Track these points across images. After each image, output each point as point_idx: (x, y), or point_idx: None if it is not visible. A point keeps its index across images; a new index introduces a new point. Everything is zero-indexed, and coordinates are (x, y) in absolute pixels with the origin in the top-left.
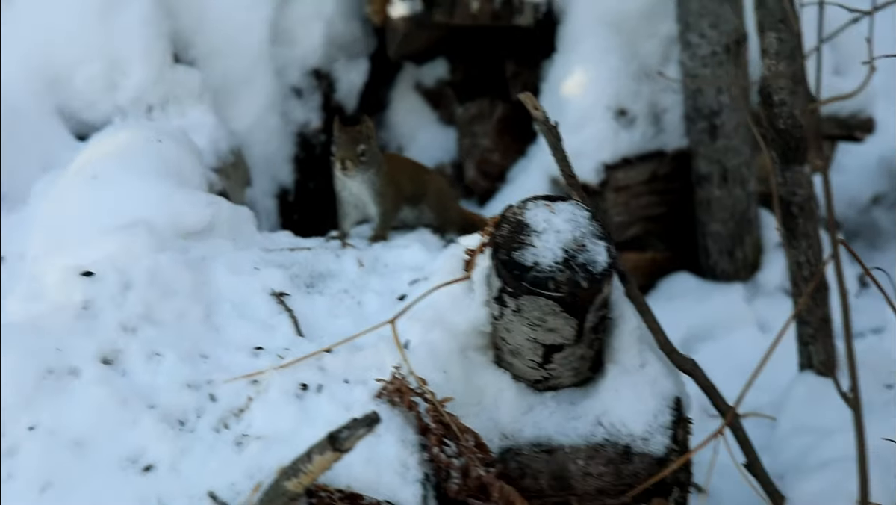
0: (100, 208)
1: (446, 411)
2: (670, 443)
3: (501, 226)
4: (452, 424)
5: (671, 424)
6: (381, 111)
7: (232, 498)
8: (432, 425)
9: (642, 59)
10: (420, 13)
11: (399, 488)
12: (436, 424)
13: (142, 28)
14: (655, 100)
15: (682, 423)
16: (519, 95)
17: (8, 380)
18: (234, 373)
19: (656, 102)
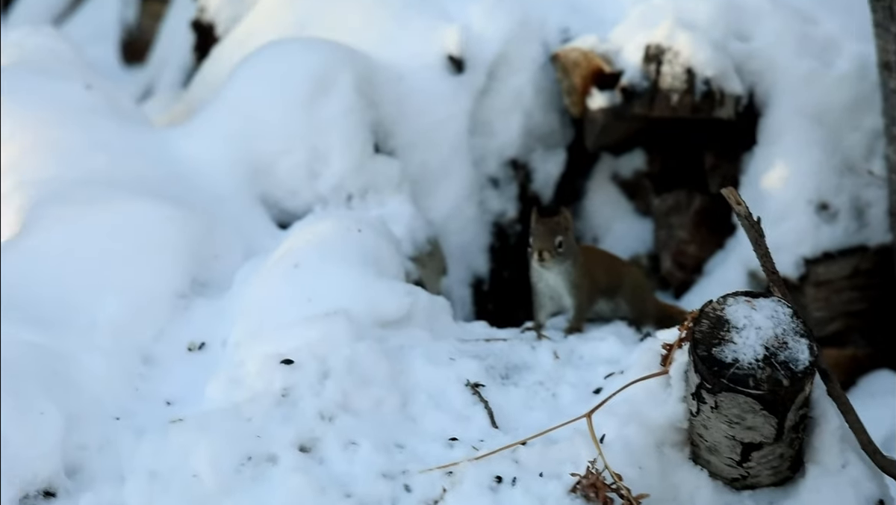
0: (300, 297)
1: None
2: None
3: (701, 321)
4: None
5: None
6: (577, 201)
7: None
8: None
9: (845, 152)
10: (619, 105)
11: None
12: None
13: (344, 118)
14: (858, 194)
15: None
16: (721, 190)
17: (209, 465)
18: (429, 463)
19: (859, 196)
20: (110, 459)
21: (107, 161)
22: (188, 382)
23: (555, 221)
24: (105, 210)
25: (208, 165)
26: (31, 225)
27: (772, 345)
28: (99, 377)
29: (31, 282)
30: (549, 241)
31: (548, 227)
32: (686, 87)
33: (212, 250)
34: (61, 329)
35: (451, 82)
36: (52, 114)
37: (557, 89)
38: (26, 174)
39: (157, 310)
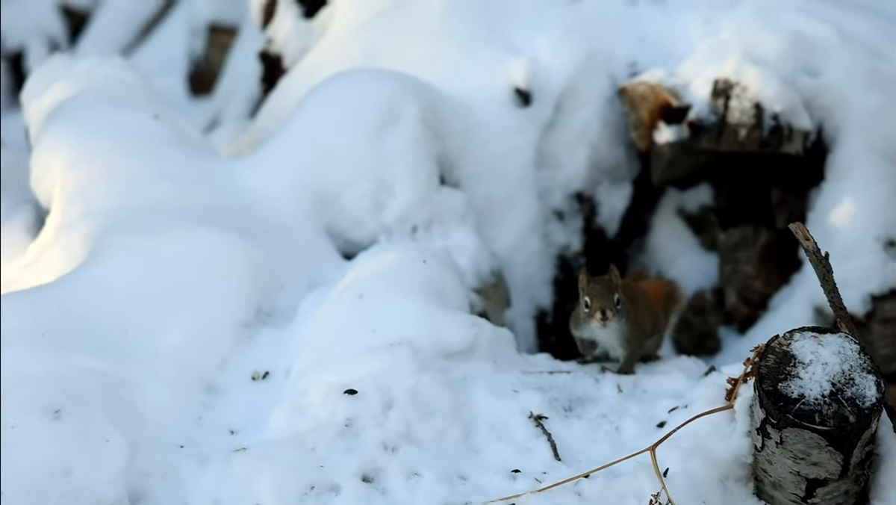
0: (364, 327)
1: None
2: None
3: (767, 356)
4: None
5: None
6: (642, 235)
7: None
8: None
9: None
10: (686, 139)
11: None
12: None
13: (410, 150)
14: None
15: None
16: (790, 225)
17: (272, 494)
18: (491, 495)
19: None
20: (174, 486)
21: (173, 191)
22: (251, 411)
23: (607, 280)
24: (171, 239)
25: (274, 196)
26: (98, 253)
27: (838, 381)
28: (162, 405)
29: (97, 310)
30: (608, 300)
31: (604, 285)
32: (754, 122)
33: (276, 280)
34: (126, 357)
35: (517, 115)
36: (119, 143)
37: (624, 123)
38: (93, 203)
39: (221, 339)
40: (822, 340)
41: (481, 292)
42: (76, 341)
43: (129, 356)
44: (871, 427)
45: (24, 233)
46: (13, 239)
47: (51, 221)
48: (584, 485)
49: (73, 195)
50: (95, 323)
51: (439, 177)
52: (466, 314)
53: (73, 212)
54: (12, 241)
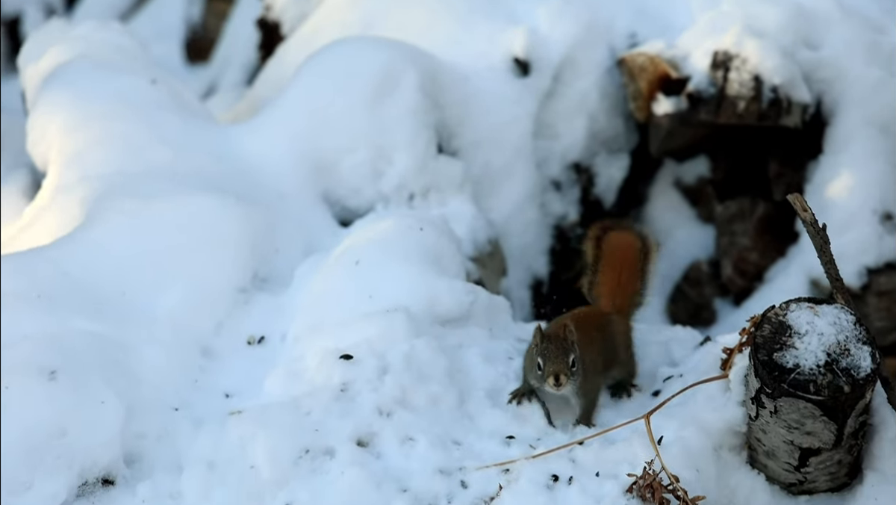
0: (361, 293)
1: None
2: None
3: (762, 326)
4: None
5: None
6: (639, 206)
7: None
8: None
9: None
10: (685, 111)
11: None
12: None
13: (408, 118)
14: None
15: None
16: (788, 196)
17: (267, 457)
18: (486, 461)
19: None
20: (168, 448)
21: (171, 156)
22: (247, 375)
23: (563, 338)
24: (168, 204)
25: (272, 162)
26: (95, 217)
27: (834, 351)
28: (158, 368)
29: (94, 273)
30: (563, 363)
31: (560, 346)
32: (753, 95)
33: (273, 246)
34: (122, 320)
35: (516, 84)
36: (116, 107)
37: (623, 94)
38: (90, 167)
39: (218, 303)
40: (818, 311)
41: (478, 261)
42: (73, 303)
43: (125, 319)
44: (866, 397)
45: (21, 196)
46: (9, 202)
47: (47, 185)
48: (579, 451)
49: (69, 159)
50: (92, 285)
51: (437, 145)
52: (463, 282)
53: (70, 175)
54: (8, 204)
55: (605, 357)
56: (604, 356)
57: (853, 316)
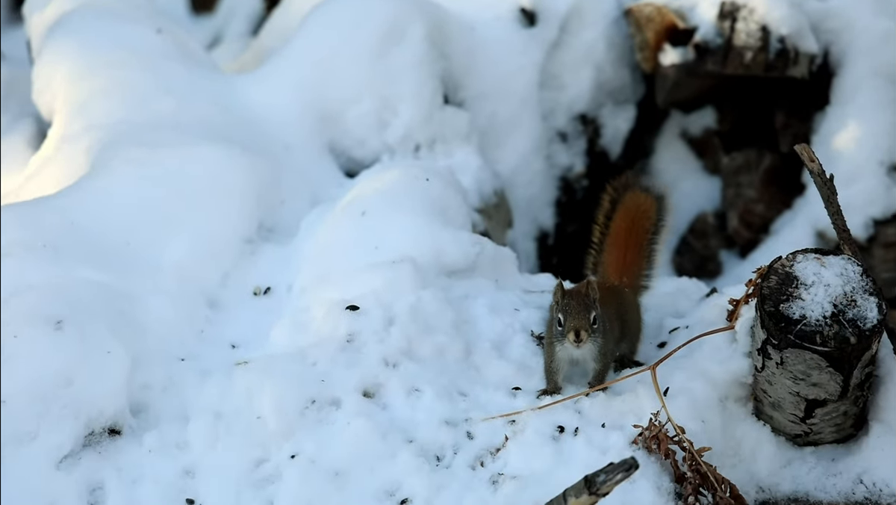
0: (367, 244)
1: (704, 461)
2: None
3: (769, 277)
4: (710, 473)
5: None
6: (645, 158)
7: None
8: (689, 474)
9: None
10: (691, 62)
11: None
12: (692, 473)
13: (415, 69)
14: None
15: None
16: (795, 146)
17: (273, 407)
18: (492, 412)
19: None
20: (175, 399)
21: (176, 105)
22: (253, 326)
23: (585, 295)
24: (173, 154)
25: (277, 112)
26: (100, 167)
27: (840, 302)
28: (164, 319)
29: (99, 222)
30: (584, 319)
31: (581, 302)
32: (760, 45)
33: (279, 196)
34: (128, 270)
35: (522, 35)
36: (122, 56)
37: (629, 44)
38: (95, 116)
39: (224, 254)
40: (824, 262)
41: (483, 212)
42: (78, 253)
43: (131, 269)
44: (872, 349)
45: (26, 145)
46: (14, 151)
47: (52, 134)
48: (585, 403)
49: (75, 108)
50: (98, 235)
51: (443, 96)
52: (469, 233)
53: (75, 125)
54: (14, 154)
55: (620, 327)
56: (620, 326)
57: (860, 267)
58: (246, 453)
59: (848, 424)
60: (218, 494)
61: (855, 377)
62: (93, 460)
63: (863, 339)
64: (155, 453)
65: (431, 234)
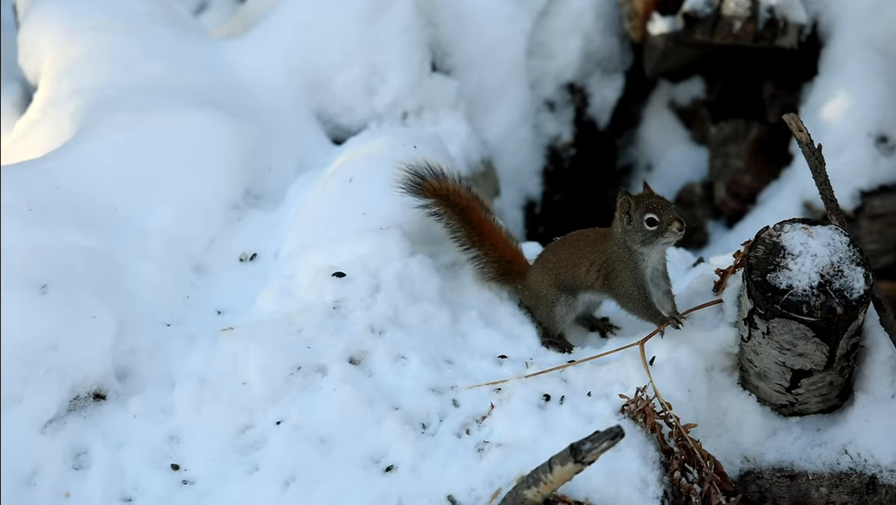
0: (354, 210)
1: (690, 437)
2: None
3: (756, 247)
4: (696, 449)
5: None
6: (633, 128)
7: (471, 503)
8: (675, 449)
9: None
10: (680, 31)
11: (638, 504)
12: (679, 448)
13: (403, 36)
14: None
15: None
16: (783, 116)
17: (259, 373)
18: (478, 380)
19: None
20: (160, 364)
21: (163, 69)
22: (239, 291)
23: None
24: (160, 118)
25: (264, 78)
26: (87, 131)
27: (827, 272)
28: (150, 284)
29: (86, 187)
30: (674, 209)
31: (660, 198)
32: (749, 15)
33: (266, 163)
34: (114, 235)
35: (510, 2)
36: (108, 20)
37: (618, 13)
38: (82, 80)
39: (210, 219)
40: (812, 232)
41: (470, 180)
42: (64, 217)
43: (117, 234)
44: (858, 319)
45: (12, 109)
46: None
47: (38, 98)
48: (571, 371)
49: (61, 72)
50: (84, 199)
51: (431, 63)
52: None
53: (62, 89)
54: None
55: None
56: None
57: (847, 237)
58: (231, 419)
59: (833, 395)
60: (203, 459)
61: (841, 347)
62: (78, 425)
63: (849, 309)
64: (140, 418)
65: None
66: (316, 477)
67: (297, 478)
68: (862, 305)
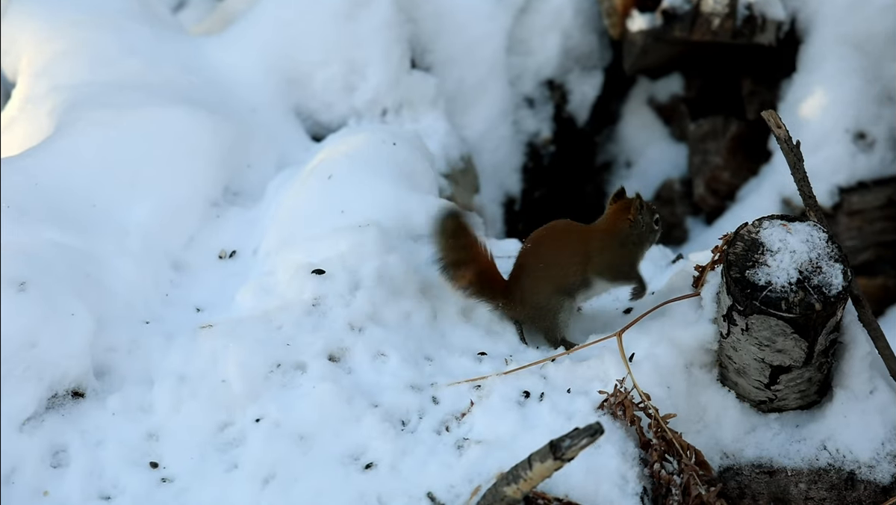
0: (333, 208)
1: (669, 428)
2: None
3: (735, 243)
4: (675, 440)
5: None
6: (612, 125)
7: (450, 500)
8: (654, 441)
9: (886, 82)
10: (659, 28)
11: (617, 501)
12: (658, 439)
13: (382, 32)
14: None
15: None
16: (762, 112)
17: (238, 371)
18: (457, 377)
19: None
20: (139, 362)
21: (141, 66)
22: (218, 289)
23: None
24: (139, 115)
25: (244, 75)
26: (65, 128)
27: (806, 269)
28: (129, 281)
29: (64, 184)
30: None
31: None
32: (728, 12)
33: (245, 159)
34: (92, 232)
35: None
36: (86, 17)
37: (597, 10)
38: (60, 77)
39: (189, 217)
40: (790, 228)
41: (450, 177)
42: (43, 214)
43: (96, 231)
44: (837, 315)
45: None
46: None
47: (17, 95)
48: (550, 368)
49: (39, 69)
50: (63, 197)
51: (410, 60)
52: (435, 197)
53: (40, 86)
54: None
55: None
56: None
57: (826, 233)
58: (210, 417)
59: (812, 391)
60: (182, 457)
61: (820, 344)
62: (56, 423)
63: (828, 305)
64: (119, 416)
65: (398, 199)
66: (295, 475)
67: (277, 475)
68: (840, 302)
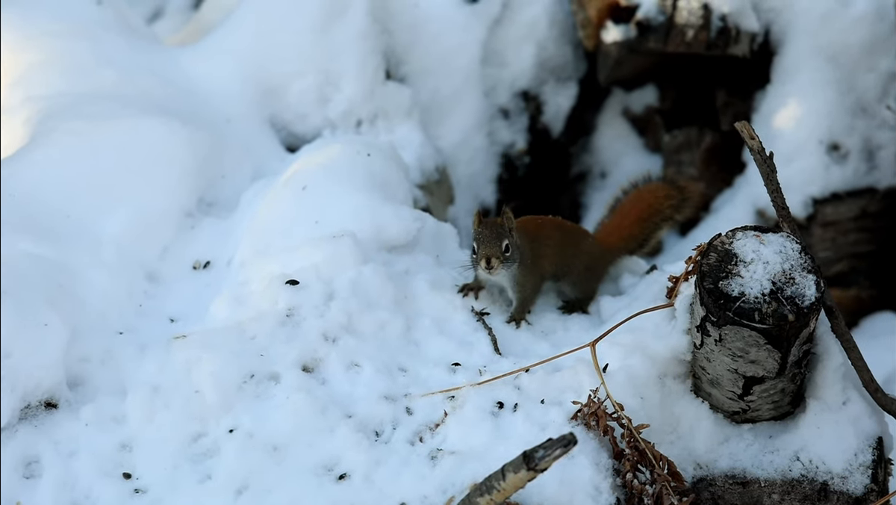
0: (307, 218)
1: (642, 438)
2: (870, 483)
3: (708, 254)
4: (648, 450)
5: (872, 464)
6: (587, 136)
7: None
8: (627, 451)
9: (859, 93)
10: (633, 39)
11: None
12: (631, 449)
13: (357, 43)
14: (870, 135)
15: (884, 463)
16: (735, 124)
17: (212, 381)
18: (431, 387)
19: (871, 138)
20: (112, 372)
21: (116, 77)
22: (192, 299)
23: (499, 224)
24: (113, 126)
25: (219, 86)
26: (39, 138)
27: (779, 280)
28: (103, 292)
29: (38, 194)
30: (496, 247)
31: (493, 231)
32: (702, 23)
33: (219, 170)
34: (66, 243)
35: (464, 11)
36: (61, 28)
37: (572, 21)
38: (34, 88)
39: (163, 227)
40: (764, 240)
41: (425, 188)
42: (16, 225)
43: (70, 242)
44: (810, 326)
45: None
46: None
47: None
48: (524, 379)
49: (14, 79)
50: (37, 207)
51: (385, 71)
52: (410, 208)
53: (15, 96)
54: None
55: (558, 264)
56: (556, 262)
57: (799, 245)
58: (184, 427)
59: (786, 402)
60: (155, 467)
61: (793, 354)
62: (29, 433)
63: (801, 316)
64: (92, 427)
65: (372, 210)
66: (268, 485)
67: (250, 486)
68: (813, 313)
